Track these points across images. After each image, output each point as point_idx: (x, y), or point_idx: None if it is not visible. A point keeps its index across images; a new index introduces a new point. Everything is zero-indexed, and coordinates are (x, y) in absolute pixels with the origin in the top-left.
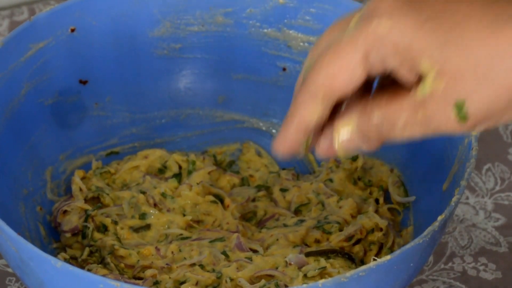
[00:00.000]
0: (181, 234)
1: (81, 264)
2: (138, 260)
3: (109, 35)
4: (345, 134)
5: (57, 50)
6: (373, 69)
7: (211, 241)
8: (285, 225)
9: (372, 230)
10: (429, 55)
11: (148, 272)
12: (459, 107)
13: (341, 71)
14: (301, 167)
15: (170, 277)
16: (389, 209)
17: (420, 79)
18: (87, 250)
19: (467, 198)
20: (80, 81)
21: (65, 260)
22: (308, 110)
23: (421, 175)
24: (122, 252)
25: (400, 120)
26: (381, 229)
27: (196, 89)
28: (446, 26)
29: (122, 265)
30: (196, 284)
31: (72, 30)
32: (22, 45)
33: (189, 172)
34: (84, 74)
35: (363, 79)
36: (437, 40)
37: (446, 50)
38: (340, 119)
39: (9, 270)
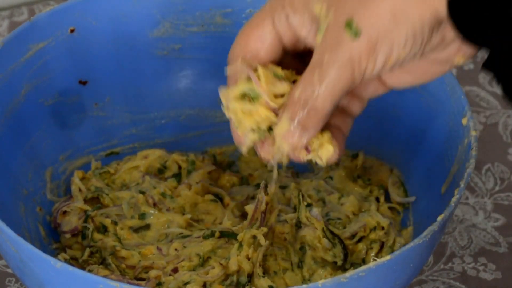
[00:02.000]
0: (181, 233)
1: (82, 265)
2: (140, 261)
3: (109, 36)
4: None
5: (57, 51)
6: (280, 31)
7: None
8: (286, 221)
9: (374, 229)
10: None
11: (152, 273)
12: (349, 25)
13: (253, 40)
14: (300, 166)
15: (174, 278)
16: (389, 208)
17: None
18: (87, 251)
19: (467, 198)
20: (80, 82)
21: (65, 260)
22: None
23: (421, 175)
24: (123, 253)
25: (321, 85)
26: (382, 228)
27: (196, 89)
28: None
29: (123, 265)
30: (203, 285)
31: (72, 31)
32: (22, 46)
33: (189, 172)
34: (84, 75)
35: (274, 43)
36: None
37: None
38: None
39: (9, 270)
